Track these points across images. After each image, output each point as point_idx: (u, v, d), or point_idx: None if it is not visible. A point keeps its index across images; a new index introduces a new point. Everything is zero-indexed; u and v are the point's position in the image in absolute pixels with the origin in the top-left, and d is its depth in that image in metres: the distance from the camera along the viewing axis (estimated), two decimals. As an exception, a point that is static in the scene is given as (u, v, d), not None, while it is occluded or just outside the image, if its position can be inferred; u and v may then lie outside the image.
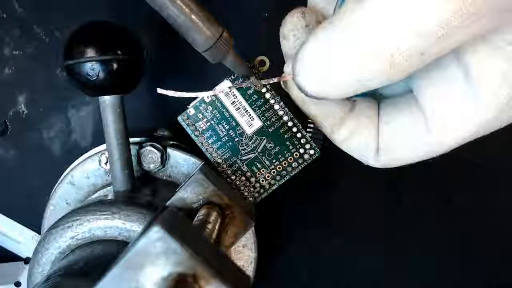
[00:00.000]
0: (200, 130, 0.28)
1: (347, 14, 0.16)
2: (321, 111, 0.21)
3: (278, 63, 0.31)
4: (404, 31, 0.15)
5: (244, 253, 0.29)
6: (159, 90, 0.24)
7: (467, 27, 0.14)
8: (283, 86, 0.21)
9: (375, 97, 0.21)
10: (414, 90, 0.19)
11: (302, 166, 0.28)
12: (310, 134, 0.28)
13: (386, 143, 0.20)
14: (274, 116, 0.28)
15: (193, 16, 0.22)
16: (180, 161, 0.30)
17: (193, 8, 0.22)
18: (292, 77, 0.19)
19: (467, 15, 0.14)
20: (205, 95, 0.26)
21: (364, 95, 0.19)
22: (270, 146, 0.28)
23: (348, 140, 0.21)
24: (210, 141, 0.28)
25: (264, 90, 0.27)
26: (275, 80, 0.22)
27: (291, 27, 0.20)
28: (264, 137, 0.28)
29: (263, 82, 0.24)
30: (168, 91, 0.24)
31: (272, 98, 0.27)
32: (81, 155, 0.31)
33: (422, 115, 0.19)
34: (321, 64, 0.17)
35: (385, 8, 0.15)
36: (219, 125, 0.28)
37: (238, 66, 0.24)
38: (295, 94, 0.21)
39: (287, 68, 0.21)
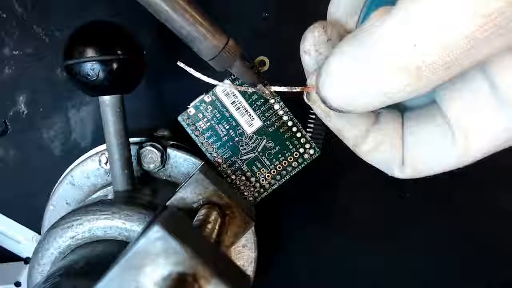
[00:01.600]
0: (200, 130, 0.28)
1: (372, 27, 0.16)
2: (345, 124, 0.21)
3: (278, 63, 0.31)
4: (430, 44, 0.14)
5: (244, 253, 0.29)
6: (180, 63, 0.24)
7: (494, 40, 0.14)
8: (306, 100, 0.21)
9: (399, 108, 0.21)
10: (439, 101, 0.19)
11: (302, 165, 0.28)
12: (310, 134, 0.28)
13: (411, 154, 0.20)
14: (274, 116, 0.28)
15: (197, 26, 0.22)
16: (180, 161, 0.30)
17: (197, 18, 0.22)
18: (315, 90, 0.19)
19: (494, 28, 0.14)
20: (222, 85, 0.26)
21: (388, 106, 0.19)
22: (270, 146, 0.28)
23: (373, 152, 0.21)
24: (210, 140, 0.28)
25: (273, 97, 0.27)
26: (296, 89, 0.22)
27: (313, 42, 0.20)
28: (264, 136, 0.28)
29: (276, 89, 0.24)
30: (189, 68, 0.24)
31: (272, 98, 0.27)
32: (81, 155, 0.31)
33: (448, 126, 0.19)
34: (347, 78, 0.17)
35: (410, 21, 0.15)
36: (219, 125, 0.28)
37: (245, 74, 0.25)
38: (319, 107, 0.21)
39: (310, 82, 0.21)
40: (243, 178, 0.28)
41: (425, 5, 0.14)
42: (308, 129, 0.31)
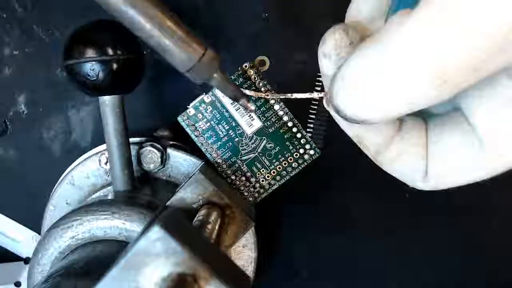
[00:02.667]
0: (200, 130, 0.28)
1: (394, 29, 0.15)
2: (368, 131, 0.19)
3: (278, 63, 0.31)
4: (457, 45, 0.13)
5: (244, 253, 0.29)
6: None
7: None
8: (326, 106, 0.20)
9: (423, 116, 0.20)
10: (463, 108, 0.18)
11: (302, 166, 0.28)
12: (310, 134, 0.28)
13: (436, 164, 0.19)
14: (274, 116, 0.28)
15: (169, 34, 0.20)
16: (180, 161, 0.30)
17: (169, 25, 0.20)
18: (327, 97, 0.18)
19: None
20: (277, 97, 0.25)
21: (411, 113, 0.18)
22: (270, 146, 0.28)
23: (396, 162, 0.19)
24: (210, 141, 0.28)
25: (254, 112, 0.27)
26: (315, 95, 0.21)
27: (333, 45, 0.18)
28: (264, 137, 0.28)
29: (296, 95, 0.22)
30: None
31: (272, 98, 0.27)
32: (81, 155, 0.31)
33: (474, 134, 0.17)
34: (365, 85, 0.16)
35: (435, 21, 0.14)
36: (219, 125, 0.28)
37: (227, 88, 0.23)
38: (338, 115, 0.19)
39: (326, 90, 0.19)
40: (243, 178, 0.28)
41: (451, 4, 0.13)
42: (308, 130, 0.31)
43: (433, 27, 0.14)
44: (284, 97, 0.23)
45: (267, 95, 0.24)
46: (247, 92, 0.24)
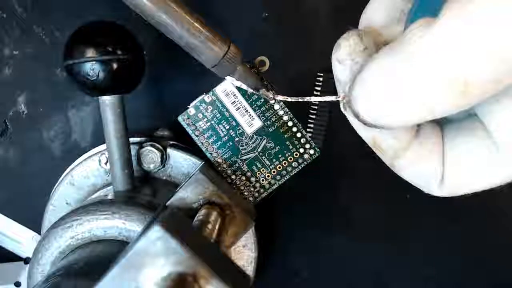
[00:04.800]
0: (200, 130, 0.28)
1: (417, 37, 0.14)
2: (385, 135, 0.19)
3: (278, 63, 0.31)
4: (482, 57, 0.13)
5: (244, 253, 0.29)
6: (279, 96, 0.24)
7: None
8: (342, 109, 0.19)
9: (437, 121, 0.20)
10: (479, 113, 0.18)
11: (302, 166, 0.28)
12: (310, 134, 0.29)
13: (452, 170, 0.19)
14: (274, 116, 0.28)
15: (196, 35, 0.22)
16: (180, 161, 0.30)
17: (196, 26, 0.22)
18: (345, 101, 0.18)
19: None
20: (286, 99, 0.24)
21: None
22: (270, 146, 0.28)
23: (412, 167, 0.19)
24: (210, 141, 0.28)
25: (277, 102, 0.27)
26: (330, 98, 0.20)
27: (348, 50, 0.18)
28: (264, 137, 0.28)
29: (313, 99, 0.22)
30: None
31: (272, 99, 0.27)
32: (81, 155, 0.31)
33: (490, 140, 0.17)
34: (384, 93, 0.16)
35: (462, 33, 0.13)
36: (219, 125, 0.28)
37: (249, 79, 0.25)
38: (355, 120, 0.19)
39: (342, 95, 0.19)
40: (243, 178, 0.28)
41: (474, 15, 0.13)
42: (308, 129, 0.31)
43: (458, 38, 0.13)
44: (302, 100, 0.23)
45: (287, 98, 0.24)
46: (270, 94, 0.25)
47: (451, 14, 0.14)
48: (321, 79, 0.31)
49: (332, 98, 0.20)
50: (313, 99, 0.22)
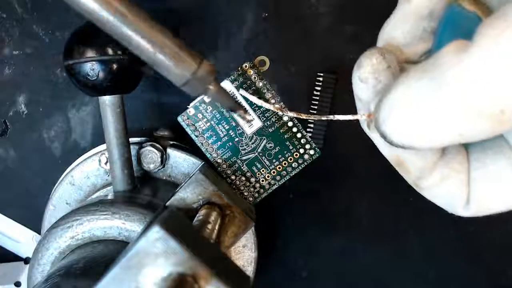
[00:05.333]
0: (200, 130, 0.28)
1: (450, 63, 0.14)
2: (411, 155, 0.19)
3: (278, 63, 0.31)
4: None
5: (244, 253, 0.29)
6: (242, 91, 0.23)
7: None
8: (365, 128, 0.19)
9: None
10: (505, 134, 0.17)
11: (302, 166, 0.28)
12: (310, 134, 0.29)
13: (478, 191, 0.18)
14: (274, 116, 0.28)
15: (162, 49, 0.20)
16: (180, 161, 0.30)
17: (161, 39, 0.20)
18: (369, 120, 0.18)
19: None
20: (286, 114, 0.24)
21: None
22: (270, 146, 0.28)
23: (437, 188, 0.19)
24: (210, 141, 0.28)
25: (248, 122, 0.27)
26: (355, 117, 0.20)
27: (371, 69, 0.18)
28: (264, 137, 0.28)
29: (338, 117, 0.21)
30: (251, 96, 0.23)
31: (272, 98, 0.27)
32: (81, 155, 0.31)
33: None
34: (414, 116, 0.15)
35: (498, 58, 0.13)
36: (219, 125, 0.28)
37: (222, 100, 0.23)
38: (378, 138, 0.19)
39: (365, 114, 0.19)
40: (243, 178, 0.28)
41: (510, 42, 0.13)
42: (308, 130, 0.31)
43: (496, 65, 0.13)
44: (325, 119, 0.22)
45: (309, 116, 0.22)
46: (289, 114, 0.23)
47: (489, 39, 0.13)
48: (321, 79, 0.31)
49: (354, 117, 0.20)
50: (337, 117, 0.21)
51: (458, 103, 0.14)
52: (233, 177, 0.28)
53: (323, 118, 0.21)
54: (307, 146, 0.28)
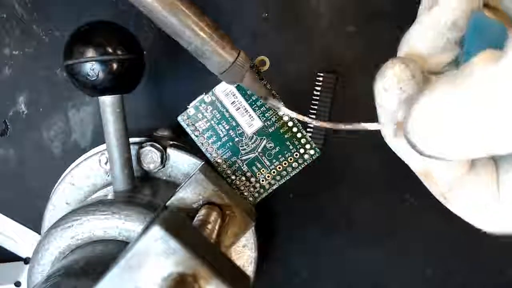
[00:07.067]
0: (200, 130, 0.28)
1: (483, 73, 0.14)
2: (439, 167, 0.18)
3: (278, 63, 0.31)
4: None
5: (244, 253, 0.29)
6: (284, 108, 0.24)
7: None
8: (388, 137, 0.19)
9: None
10: None
11: (302, 166, 0.28)
12: (310, 134, 0.28)
13: (507, 204, 0.18)
14: (274, 116, 0.28)
15: (206, 40, 0.22)
16: (180, 161, 0.30)
17: (206, 31, 0.22)
18: (397, 128, 0.18)
19: None
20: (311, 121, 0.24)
21: None
22: (270, 146, 0.28)
23: (465, 200, 0.19)
24: (210, 141, 0.28)
25: (281, 106, 0.26)
26: (372, 127, 0.19)
27: (396, 79, 0.17)
28: (264, 137, 0.28)
29: (360, 124, 0.20)
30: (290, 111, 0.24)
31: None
32: (81, 155, 0.31)
33: None
34: (447, 127, 0.15)
35: None
36: (219, 125, 0.28)
37: (256, 88, 0.25)
38: (404, 148, 0.19)
39: (393, 124, 0.19)
40: (243, 178, 0.28)
41: None
42: (308, 130, 0.31)
43: None
44: (352, 128, 0.21)
45: (338, 125, 0.22)
46: (314, 122, 0.23)
47: None
48: (321, 79, 0.31)
49: (378, 127, 0.19)
50: (363, 125, 0.20)
51: (495, 114, 0.14)
52: (233, 177, 0.28)
53: (351, 126, 0.21)
54: (307, 146, 0.28)
